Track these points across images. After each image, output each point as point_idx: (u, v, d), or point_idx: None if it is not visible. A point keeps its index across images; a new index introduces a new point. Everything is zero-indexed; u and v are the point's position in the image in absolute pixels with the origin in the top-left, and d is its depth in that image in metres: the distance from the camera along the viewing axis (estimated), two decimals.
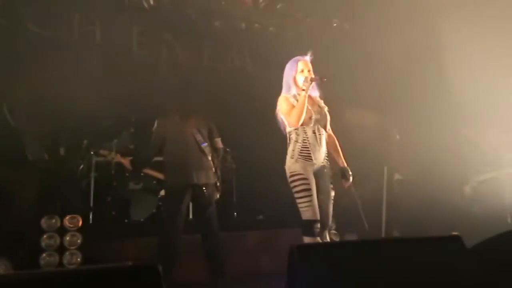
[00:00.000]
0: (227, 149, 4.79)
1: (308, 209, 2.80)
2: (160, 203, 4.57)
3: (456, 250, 1.36)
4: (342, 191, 5.25)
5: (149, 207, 4.63)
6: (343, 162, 3.08)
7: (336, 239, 4.79)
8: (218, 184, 3.65)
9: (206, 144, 3.54)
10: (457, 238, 1.37)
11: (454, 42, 4.81)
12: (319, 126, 2.93)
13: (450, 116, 4.82)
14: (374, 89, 4.96)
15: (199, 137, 3.50)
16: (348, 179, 3.02)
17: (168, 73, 4.97)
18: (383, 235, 4.65)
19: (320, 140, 2.92)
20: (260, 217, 5.17)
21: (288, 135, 2.99)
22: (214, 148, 3.66)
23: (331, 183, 3.03)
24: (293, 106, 2.88)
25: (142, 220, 4.56)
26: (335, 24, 5.49)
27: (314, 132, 2.90)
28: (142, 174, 4.56)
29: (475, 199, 4.65)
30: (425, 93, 4.71)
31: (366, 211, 4.83)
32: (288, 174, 2.91)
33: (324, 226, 2.89)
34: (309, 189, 2.82)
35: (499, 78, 4.56)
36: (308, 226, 2.80)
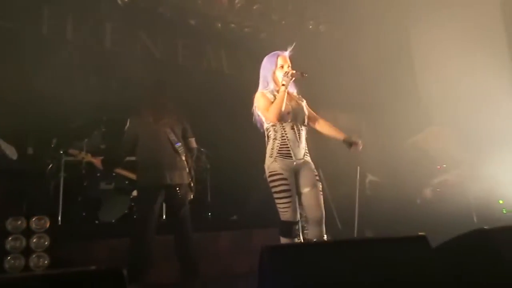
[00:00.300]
0: (202, 149, 4.76)
1: (287, 210, 2.72)
2: (133, 204, 4.49)
3: (422, 250, 1.39)
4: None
5: (121, 208, 4.54)
6: (343, 134, 2.96)
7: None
8: (192, 184, 3.60)
9: (180, 144, 3.49)
10: (423, 238, 1.40)
11: (424, 44, 4.96)
12: (298, 122, 2.86)
13: (418, 119, 4.96)
14: (347, 91, 5.04)
15: (172, 137, 3.45)
16: (357, 142, 2.89)
17: (142, 72, 4.89)
18: (355, 235, 4.73)
19: (299, 136, 2.84)
20: (235, 217, 5.16)
21: (266, 133, 2.91)
22: (188, 148, 3.61)
23: (317, 175, 2.90)
24: (271, 102, 2.79)
25: (113, 221, 4.46)
26: (310, 26, 5.54)
27: (292, 128, 2.82)
28: (114, 174, 4.47)
29: (441, 200, 4.81)
30: (396, 96, 4.83)
31: (339, 211, 4.92)
32: (267, 174, 2.83)
33: (319, 220, 2.77)
34: (289, 190, 2.74)
35: (466, 79, 4.74)
36: (286, 228, 2.73)
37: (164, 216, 4.25)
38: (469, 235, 1.60)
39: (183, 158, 3.49)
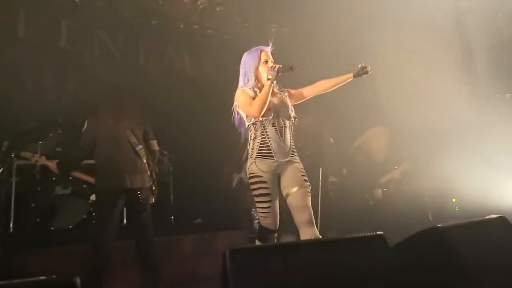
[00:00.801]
0: (164, 152, 4.67)
1: (266, 216, 2.60)
2: (91, 209, 4.33)
3: (380, 249, 1.43)
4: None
5: (79, 213, 4.37)
6: (347, 74, 2.78)
7: (274, 241, 4.87)
8: (153, 187, 3.53)
9: (141, 146, 3.41)
10: (380, 237, 1.44)
11: (379, 46, 5.14)
12: (281, 117, 2.68)
13: (371, 120, 5.12)
14: None
15: (133, 139, 3.36)
16: (366, 68, 2.73)
17: (101, 72, 4.73)
18: (318, 236, 4.80)
19: (282, 133, 2.66)
20: (198, 220, 5.11)
21: (248, 133, 2.75)
22: (149, 151, 3.54)
23: (303, 175, 2.69)
24: (253, 99, 2.64)
25: (70, 227, 4.29)
26: (273, 29, 5.59)
27: (274, 125, 2.64)
28: (70, 178, 4.29)
29: (396, 199, 5.00)
30: (357, 98, 4.96)
31: None
32: (247, 176, 2.68)
33: (308, 221, 2.56)
34: (268, 194, 2.59)
35: (420, 80, 4.95)
36: (263, 234, 2.60)
37: (125, 221, 4.13)
38: (423, 233, 1.66)
39: (144, 161, 3.41)
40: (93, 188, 4.01)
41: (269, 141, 2.63)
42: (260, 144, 2.64)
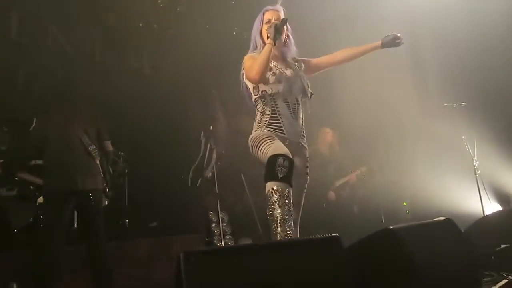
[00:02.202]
0: (120, 152, 4.52)
1: (270, 146, 2.22)
2: (39, 212, 4.10)
3: (335, 250, 1.45)
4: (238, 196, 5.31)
5: (25, 217, 4.12)
6: (374, 43, 2.51)
7: (231, 243, 4.84)
8: (107, 189, 3.40)
9: (94, 146, 3.27)
10: (336, 239, 1.46)
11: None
12: (293, 93, 2.42)
13: (331, 123, 5.24)
14: None
15: (85, 139, 3.22)
16: (398, 39, 2.49)
17: (53, 68, 4.50)
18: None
19: (295, 111, 2.40)
20: (154, 223, 4.98)
21: (255, 107, 2.48)
22: (103, 151, 3.40)
23: (307, 166, 2.47)
24: None
25: (15, 231, 4.03)
26: (234, 33, 5.57)
27: (286, 102, 2.38)
28: (16, 179, 4.04)
29: (352, 202, 5.14)
30: (314, 100, 5.04)
31: (260, 216, 4.98)
32: (251, 144, 2.36)
33: (294, 221, 2.28)
34: (274, 139, 2.26)
35: (376, 86, 5.14)
36: (272, 165, 2.12)
37: (75, 225, 3.94)
38: (376, 234, 1.71)
39: (97, 161, 3.28)
40: (41, 190, 3.80)
41: (280, 118, 2.36)
42: (270, 119, 2.36)
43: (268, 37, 2.37)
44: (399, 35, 2.50)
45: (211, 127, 4.98)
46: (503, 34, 4.71)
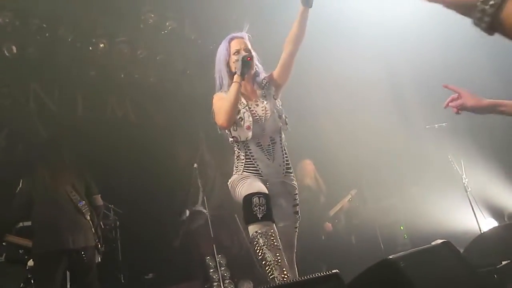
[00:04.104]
0: (110, 205, 4.44)
1: (242, 187, 2.13)
2: (30, 276, 3.93)
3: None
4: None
5: (15, 282, 3.95)
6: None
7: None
8: (99, 245, 3.32)
9: (83, 202, 3.22)
10: (336, 276, 1.44)
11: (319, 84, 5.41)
12: (266, 134, 2.23)
13: (312, 153, 5.27)
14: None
15: (74, 195, 3.18)
16: None
17: (36, 126, 4.49)
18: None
19: (270, 151, 2.23)
20: (150, 275, 4.82)
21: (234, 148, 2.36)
22: (93, 206, 3.35)
23: (296, 205, 2.30)
24: None
25: None
26: (215, 76, 5.69)
27: (259, 145, 2.22)
28: (4, 243, 3.90)
29: (348, 231, 5.09)
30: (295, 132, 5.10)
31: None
32: (230, 188, 2.27)
33: (289, 262, 2.13)
34: (249, 178, 2.18)
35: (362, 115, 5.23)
36: (248, 206, 2.00)
37: (68, 285, 3.79)
38: (376, 267, 1.69)
39: (88, 217, 3.22)
40: (30, 252, 3.67)
41: (255, 162, 2.22)
42: (245, 164, 2.23)
43: (235, 71, 2.21)
44: None
45: (195, 164, 4.89)
46: (475, 54, 4.84)
